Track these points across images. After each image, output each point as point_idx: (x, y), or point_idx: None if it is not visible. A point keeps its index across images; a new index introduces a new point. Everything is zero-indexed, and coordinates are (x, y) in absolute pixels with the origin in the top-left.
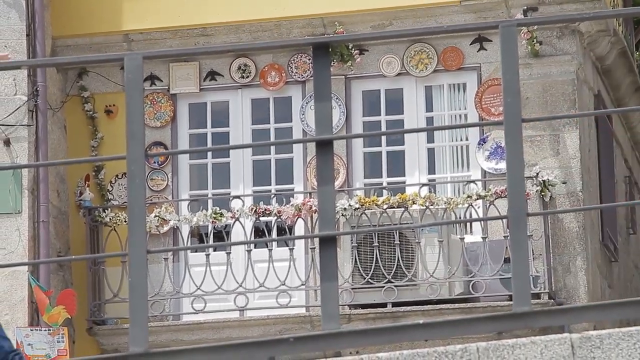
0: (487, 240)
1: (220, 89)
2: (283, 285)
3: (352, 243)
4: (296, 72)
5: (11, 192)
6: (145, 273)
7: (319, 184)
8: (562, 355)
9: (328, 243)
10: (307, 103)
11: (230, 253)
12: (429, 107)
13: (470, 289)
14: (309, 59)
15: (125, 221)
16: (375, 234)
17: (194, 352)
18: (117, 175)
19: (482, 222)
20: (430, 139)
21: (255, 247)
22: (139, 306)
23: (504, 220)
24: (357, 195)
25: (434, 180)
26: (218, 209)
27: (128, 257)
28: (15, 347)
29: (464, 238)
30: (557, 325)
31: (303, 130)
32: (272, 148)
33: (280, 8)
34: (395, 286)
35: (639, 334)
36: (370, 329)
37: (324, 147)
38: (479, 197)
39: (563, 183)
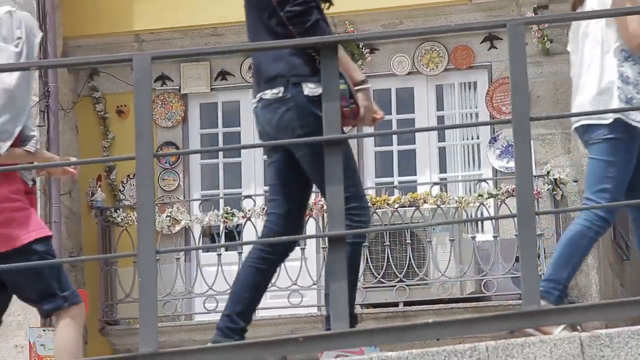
0: (498, 239)
1: (231, 88)
2: (294, 284)
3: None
4: None
5: None
6: (154, 273)
7: (327, 183)
8: (572, 354)
9: (337, 243)
10: None
11: (242, 253)
12: (440, 106)
13: (482, 288)
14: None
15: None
16: (386, 233)
17: (203, 352)
18: (128, 176)
19: (493, 220)
20: (441, 138)
21: None
22: (148, 306)
23: (515, 218)
24: (368, 194)
25: (445, 179)
26: (229, 208)
27: (137, 257)
28: None
29: (475, 237)
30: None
31: None
32: None
33: None
34: (407, 285)
35: None
36: (378, 329)
37: (333, 147)
38: (490, 195)
39: (574, 181)
